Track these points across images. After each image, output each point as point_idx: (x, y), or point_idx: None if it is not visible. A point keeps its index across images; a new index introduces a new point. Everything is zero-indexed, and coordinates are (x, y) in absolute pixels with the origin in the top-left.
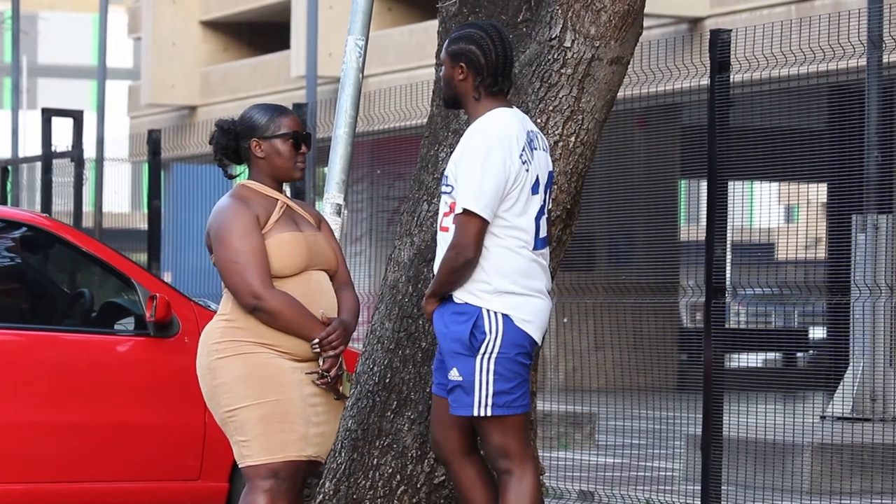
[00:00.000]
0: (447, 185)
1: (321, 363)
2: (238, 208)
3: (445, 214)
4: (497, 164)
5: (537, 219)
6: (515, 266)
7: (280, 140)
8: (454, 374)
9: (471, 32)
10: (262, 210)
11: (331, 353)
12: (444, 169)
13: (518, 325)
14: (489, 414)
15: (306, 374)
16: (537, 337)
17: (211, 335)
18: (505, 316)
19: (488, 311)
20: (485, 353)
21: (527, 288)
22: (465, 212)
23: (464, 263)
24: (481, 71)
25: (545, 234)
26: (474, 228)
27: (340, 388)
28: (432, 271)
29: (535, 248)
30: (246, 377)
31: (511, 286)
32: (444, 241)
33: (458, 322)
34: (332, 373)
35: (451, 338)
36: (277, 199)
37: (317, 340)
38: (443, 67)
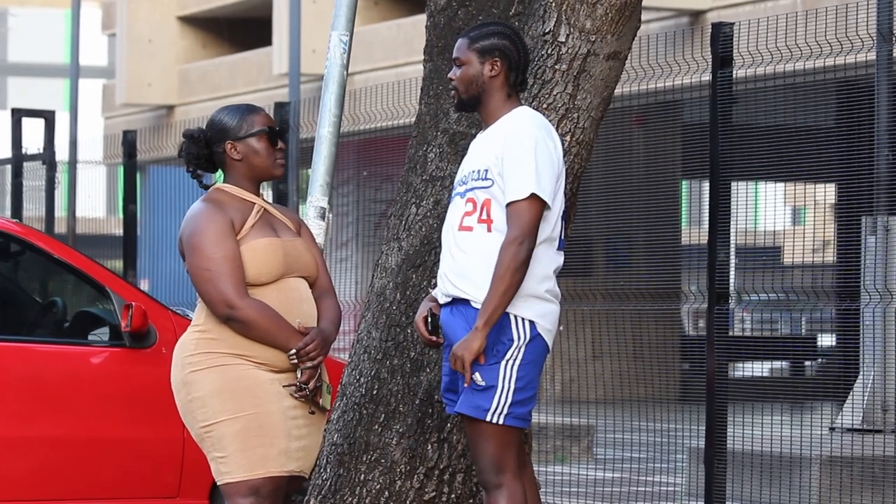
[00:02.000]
0: (485, 180)
1: (299, 375)
2: (211, 213)
3: (468, 214)
4: (551, 153)
5: (563, 218)
6: (548, 268)
7: (255, 138)
8: (476, 379)
9: (499, 29)
10: (237, 214)
11: (308, 364)
12: (434, 168)
13: (540, 333)
14: (501, 423)
15: (283, 386)
16: (549, 347)
17: (185, 347)
18: (532, 322)
19: (516, 316)
20: (510, 358)
21: (551, 293)
22: (530, 197)
23: (528, 255)
24: (514, 66)
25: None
26: (536, 215)
27: (320, 401)
28: (455, 285)
29: (558, 249)
30: (222, 390)
31: (540, 289)
32: (467, 242)
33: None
34: (311, 385)
35: None
36: (254, 203)
37: (294, 351)
38: (460, 67)
